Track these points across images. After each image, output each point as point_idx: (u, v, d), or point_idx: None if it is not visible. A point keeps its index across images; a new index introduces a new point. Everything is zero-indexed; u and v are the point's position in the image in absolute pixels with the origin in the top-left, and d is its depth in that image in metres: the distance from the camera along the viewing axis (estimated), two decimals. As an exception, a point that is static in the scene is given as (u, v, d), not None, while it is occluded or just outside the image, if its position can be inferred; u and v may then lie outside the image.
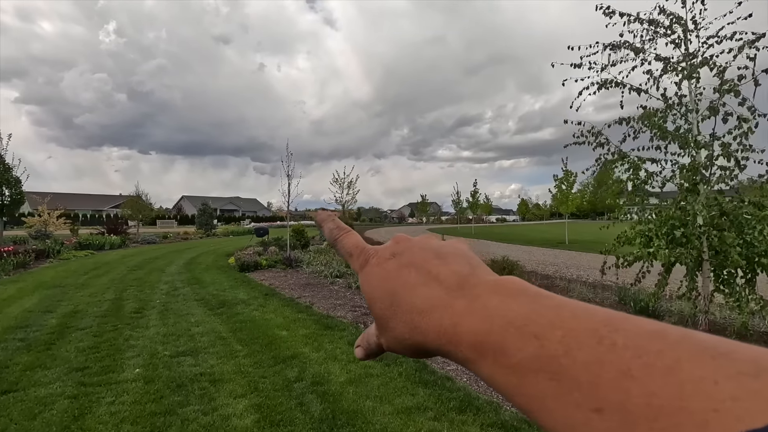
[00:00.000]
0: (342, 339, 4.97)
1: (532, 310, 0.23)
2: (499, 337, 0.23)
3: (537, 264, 13.23)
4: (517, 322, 0.22)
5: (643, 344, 0.19)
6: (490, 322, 0.23)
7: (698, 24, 5.39)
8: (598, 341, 0.20)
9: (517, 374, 0.21)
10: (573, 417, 0.19)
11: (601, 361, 0.19)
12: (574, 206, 23.46)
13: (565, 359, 0.20)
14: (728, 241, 4.69)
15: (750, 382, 0.16)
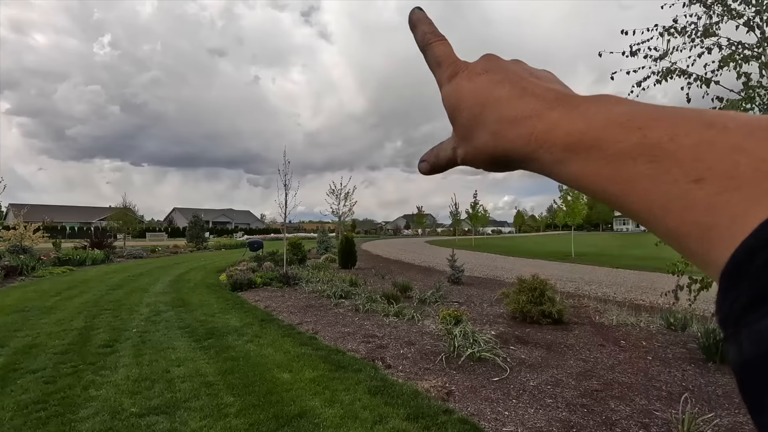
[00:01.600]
0: (360, 385, 3.95)
1: (636, 109, 0.23)
2: (598, 132, 0.23)
3: (555, 280, 12.24)
4: (620, 119, 0.23)
5: (756, 125, 0.19)
6: (589, 122, 0.24)
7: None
8: (708, 125, 0.20)
9: (613, 163, 0.22)
10: (668, 191, 0.19)
11: (710, 142, 0.19)
12: (581, 217, 22.68)
13: (669, 144, 0.20)
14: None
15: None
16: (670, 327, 6.36)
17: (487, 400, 3.71)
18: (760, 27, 4.65)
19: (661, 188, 0.20)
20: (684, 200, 0.19)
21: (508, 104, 0.28)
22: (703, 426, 3.07)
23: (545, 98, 0.27)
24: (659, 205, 0.20)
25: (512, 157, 0.27)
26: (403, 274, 13.58)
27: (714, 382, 4.10)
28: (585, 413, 3.42)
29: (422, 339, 5.63)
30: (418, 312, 7.02)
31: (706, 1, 4.89)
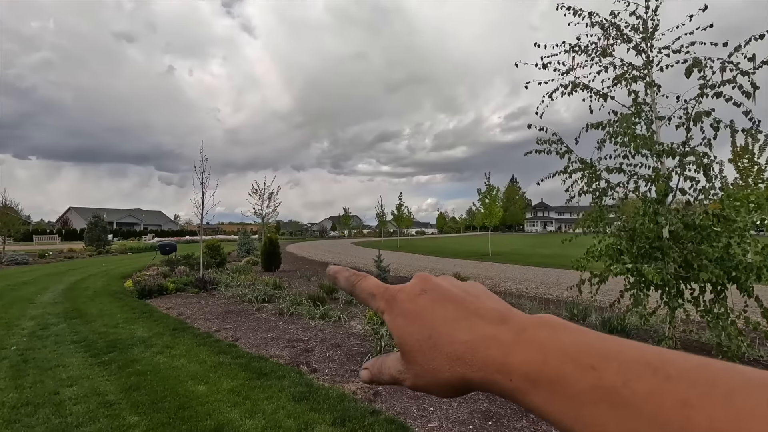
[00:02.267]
0: (284, 392, 3.78)
1: (583, 342, 0.24)
2: (556, 368, 0.24)
3: (474, 278, 12.96)
4: (571, 354, 0.24)
5: (694, 375, 0.20)
6: (544, 353, 0.25)
7: (655, 33, 5.27)
8: (653, 372, 0.21)
9: (575, 404, 0.22)
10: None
11: (660, 392, 0.20)
12: (497, 219, 24.25)
13: (624, 390, 0.21)
14: (707, 254, 4.44)
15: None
16: (573, 317, 7.00)
17: (413, 397, 3.75)
18: (646, 51, 5.31)
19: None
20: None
21: (456, 326, 0.28)
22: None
23: (491, 319, 0.28)
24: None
25: (471, 381, 0.27)
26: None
27: (610, 366, 4.58)
28: (503, 403, 3.60)
29: (349, 340, 5.57)
30: (344, 313, 6.94)
31: (603, 25, 5.47)
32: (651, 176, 5.11)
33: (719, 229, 4.67)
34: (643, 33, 5.32)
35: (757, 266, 4.44)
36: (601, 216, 5.54)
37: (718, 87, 4.32)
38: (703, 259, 4.54)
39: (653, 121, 5.10)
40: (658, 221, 4.82)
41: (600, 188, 5.47)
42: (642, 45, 5.33)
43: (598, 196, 5.50)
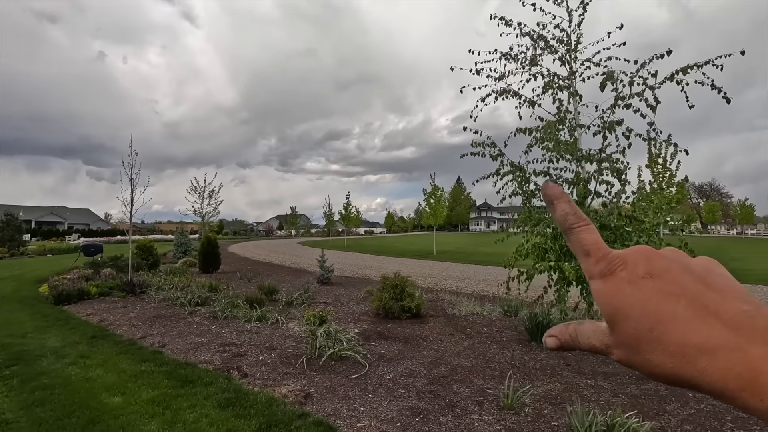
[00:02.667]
0: (209, 400, 3.61)
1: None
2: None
3: (417, 276, 13.21)
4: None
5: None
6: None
7: (578, 46, 5.64)
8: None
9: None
10: None
11: None
12: (442, 219, 24.88)
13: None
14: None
15: None
16: (506, 313, 7.34)
17: (344, 398, 3.73)
18: (570, 63, 5.67)
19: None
20: None
21: (688, 326, 0.25)
22: (523, 396, 3.58)
23: (734, 325, 0.25)
24: None
25: (701, 388, 0.25)
26: (272, 276, 13.07)
27: (534, 358, 4.85)
28: (432, 399, 3.69)
29: (285, 343, 5.44)
30: (283, 315, 6.79)
31: (532, 36, 5.77)
32: (573, 180, 5.48)
33: (630, 229, 5.10)
34: (567, 45, 5.68)
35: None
36: (530, 217, 5.85)
37: (627, 99, 4.71)
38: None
39: (575, 128, 5.46)
40: (578, 222, 5.16)
41: (528, 190, 5.77)
42: (566, 57, 5.69)
43: (527, 197, 5.80)
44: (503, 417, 3.32)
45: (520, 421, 3.24)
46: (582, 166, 5.46)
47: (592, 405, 3.45)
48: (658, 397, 3.74)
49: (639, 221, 5.13)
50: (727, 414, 3.37)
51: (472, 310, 7.58)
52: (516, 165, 5.72)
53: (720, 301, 0.26)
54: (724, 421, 3.26)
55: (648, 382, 4.08)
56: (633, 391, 3.88)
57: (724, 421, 3.27)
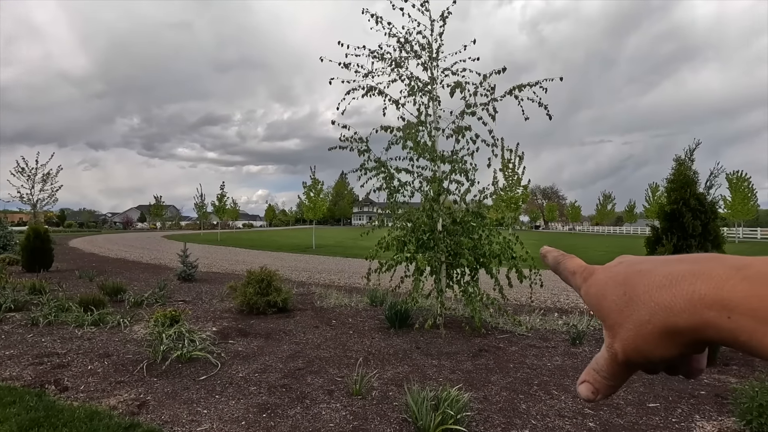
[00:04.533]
0: (7, 423, 2.99)
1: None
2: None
3: (291, 270, 12.97)
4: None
5: None
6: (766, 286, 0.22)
7: (439, 55, 6.11)
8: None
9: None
10: None
11: None
12: (322, 213, 24.82)
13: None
14: (465, 245, 5.40)
15: None
16: (372, 304, 7.65)
17: (187, 402, 3.46)
18: (431, 69, 6.11)
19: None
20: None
21: (652, 273, 0.27)
22: (372, 380, 3.76)
23: (695, 260, 0.26)
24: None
25: (679, 327, 0.25)
26: (123, 274, 11.51)
27: (390, 344, 5.14)
28: (283, 393, 3.64)
29: (124, 348, 4.83)
30: (128, 317, 6.01)
31: (399, 39, 6.07)
32: (431, 178, 5.94)
33: (475, 224, 5.73)
34: (429, 53, 6.11)
35: (498, 254, 5.61)
36: (393, 211, 6.18)
37: (473, 108, 5.28)
38: (462, 248, 5.50)
39: (433, 131, 5.92)
40: (433, 216, 5.63)
41: (393, 186, 6.08)
42: (428, 63, 6.12)
43: (390, 193, 6.10)
44: (350, 402, 3.44)
45: (365, 405, 3.40)
46: (438, 166, 5.95)
47: (432, 383, 3.79)
48: (487, 370, 4.29)
49: (482, 217, 5.80)
50: (536, 379, 4.03)
51: (341, 302, 7.72)
52: (381, 161, 5.98)
53: (682, 257, 0.28)
54: (531, 385, 3.88)
55: (479, 358, 4.65)
56: (468, 367, 4.38)
57: (531, 384, 3.89)
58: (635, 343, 0.27)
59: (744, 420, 2.80)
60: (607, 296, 0.29)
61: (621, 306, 0.28)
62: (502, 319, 6.16)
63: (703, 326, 0.24)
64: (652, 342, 0.26)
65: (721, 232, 4.65)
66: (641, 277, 0.27)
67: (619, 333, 0.28)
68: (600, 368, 0.30)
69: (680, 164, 4.81)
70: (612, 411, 3.35)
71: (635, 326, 0.27)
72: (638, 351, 0.27)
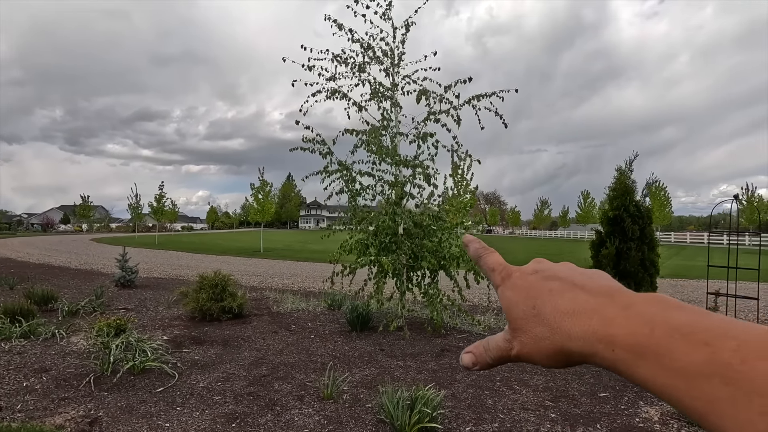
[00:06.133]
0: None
1: (696, 321, 0.24)
2: (663, 341, 0.24)
3: (241, 275, 12.48)
4: (682, 330, 0.24)
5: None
6: (651, 326, 0.25)
7: (401, 62, 6.24)
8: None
9: (685, 378, 0.23)
10: (753, 421, 0.20)
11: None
12: (270, 215, 24.13)
13: (742, 367, 0.21)
14: (427, 247, 5.53)
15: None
16: (330, 307, 7.58)
17: (145, 416, 3.24)
18: (393, 76, 6.22)
19: (743, 415, 0.21)
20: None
21: (560, 296, 0.30)
22: (341, 384, 3.75)
23: (597, 293, 0.29)
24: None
25: (571, 350, 0.28)
26: (49, 281, 10.47)
27: (354, 347, 5.14)
28: (251, 401, 3.53)
29: (64, 361, 4.41)
30: (63, 328, 5.49)
31: (362, 44, 6.12)
32: (392, 182, 6.03)
33: (435, 227, 5.90)
34: (391, 59, 6.21)
35: (457, 256, 5.80)
36: (355, 214, 6.18)
37: (437, 115, 5.45)
38: (424, 251, 5.64)
39: (395, 135, 6.02)
40: (396, 220, 5.71)
41: (354, 189, 6.09)
42: (390, 69, 6.22)
43: (353, 196, 6.11)
44: (323, 407, 3.41)
45: (338, 409, 3.38)
46: (400, 170, 6.05)
47: (401, 383, 3.84)
48: (451, 369, 4.43)
49: (443, 221, 5.98)
50: (497, 376, 4.22)
51: (298, 307, 7.57)
52: (343, 164, 5.97)
53: (587, 281, 0.31)
54: (494, 381, 4.07)
55: (443, 358, 4.79)
56: (433, 366, 4.50)
57: (494, 381, 4.08)
58: (530, 350, 0.31)
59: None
60: (519, 304, 0.32)
61: (528, 317, 0.31)
62: (459, 319, 6.38)
63: (592, 355, 0.27)
64: (545, 355, 0.30)
65: (656, 236, 5.16)
66: (550, 297, 0.31)
67: (519, 337, 0.32)
68: (490, 349, 0.34)
69: (621, 174, 5.28)
70: (569, 402, 3.60)
71: (535, 338, 0.30)
72: (530, 356, 0.31)
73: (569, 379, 4.15)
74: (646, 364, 0.25)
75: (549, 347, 0.30)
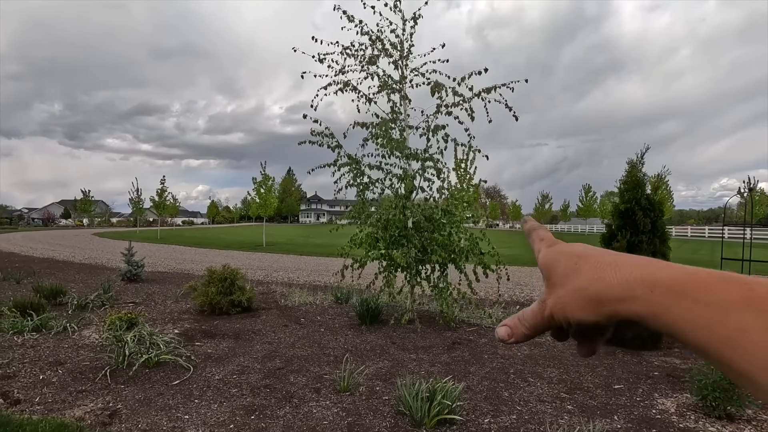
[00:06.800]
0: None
1: (735, 274, 0.27)
2: (703, 281, 0.27)
3: (246, 269, 12.41)
4: (723, 276, 0.27)
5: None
6: (692, 272, 0.28)
7: (409, 55, 6.19)
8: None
9: (721, 310, 0.25)
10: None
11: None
12: (272, 210, 24.11)
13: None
14: (437, 241, 5.53)
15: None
16: (338, 301, 7.59)
17: (164, 408, 3.25)
18: (402, 68, 6.17)
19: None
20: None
21: (603, 255, 0.33)
22: (358, 377, 3.76)
23: (642, 257, 0.31)
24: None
25: (608, 297, 0.30)
26: (55, 275, 10.48)
27: (365, 341, 5.15)
28: (268, 393, 3.54)
29: (78, 355, 4.43)
30: (73, 322, 5.50)
31: (371, 36, 6.07)
32: (401, 175, 6.01)
33: (445, 221, 5.89)
34: (400, 52, 6.17)
35: (467, 250, 5.80)
36: (364, 208, 6.17)
37: (450, 108, 5.42)
38: (434, 244, 5.63)
39: (405, 128, 5.99)
40: (406, 214, 5.70)
41: (363, 183, 6.07)
42: (399, 62, 6.18)
43: (362, 189, 6.10)
44: (340, 399, 3.42)
45: (355, 401, 3.40)
46: (409, 164, 6.03)
47: (416, 376, 3.86)
48: (464, 361, 4.44)
49: (452, 214, 5.97)
50: (511, 368, 4.23)
51: (305, 300, 7.59)
52: (353, 157, 5.95)
53: (628, 255, 0.33)
54: (508, 373, 4.08)
55: (455, 351, 4.80)
56: (446, 359, 4.51)
57: (508, 373, 4.09)
58: (565, 303, 0.32)
59: (700, 395, 3.14)
60: (561, 261, 0.34)
61: (569, 272, 0.33)
62: (468, 312, 6.39)
63: (630, 298, 0.29)
64: (580, 305, 0.31)
65: (667, 230, 5.15)
66: (595, 257, 0.33)
67: (556, 291, 0.33)
68: (525, 318, 0.35)
69: (632, 167, 5.26)
70: (584, 394, 3.62)
71: (573, 290, 0.32)
72: (564, 310, 0.32)
73: (582, 371, 4.16)
74: (683, 302, 0.26)
75: (585, 296, 0.31)
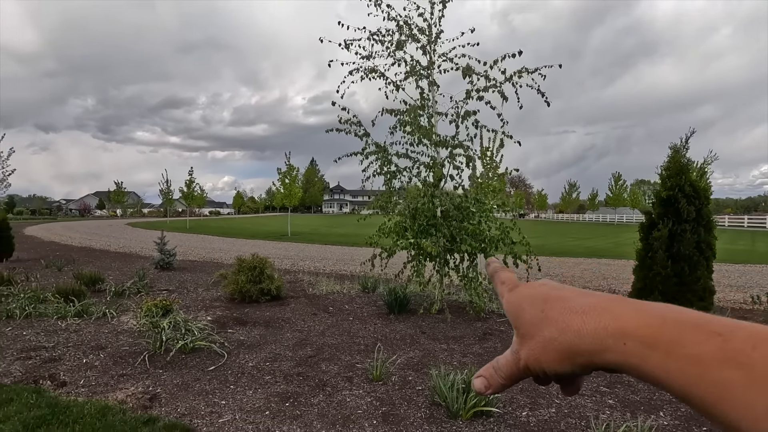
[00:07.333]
0: (9, 422, 2.77)
1: (706, 317, 0.25)
2: (674, 331, 0.25)
3: (273, 258, 12.53)
4: (694, 322, 0.25)
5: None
6: (662, 319, 0.26)
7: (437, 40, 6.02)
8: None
9: (697, 364, 0.23)
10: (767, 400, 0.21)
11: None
12: (297, 200, 24.37)
13: (754, 353, 0.22)
14: (467, 230, 5.42)
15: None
16: (365, 290, 7.60)
17: (201, 393, 3.32)
18: (430, 54, 6.02)
19: (759, 396, 0.21)
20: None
21: (570, 300, 0.31)
22: (389, 366, 3.74)
23: (606, 297, 0.30)
24: (762, 413, 0.21)
25: (580, 349, 0.28)
26: (92, 263, 10.91)
27: (394, 330, 5.13)
28: (300, 381, 3.56)
29: (117, 340, 4.57)
30: (112, 308, 5.70)
31: (399, 21, 5.93)
32: (430, 163, 5.90)
33: (474, 210, 5.76)
34: (428, 37, 6.01)
35: (497, 239, 5.67)
36: (391, 197, 6.11)
37: (481, 92, 5.25)
38: (463, 233, 5.52)
39: (432, 115, 5.86)
40: (434, 202, 5.61)
41: (390, 171, 6.00)
42: (428, 47, 6.02)
43: (389, 178, 6.03)
44: (373, 389, 3.40)
45: (388, 390, 3.37)
46: (438, 151, 5.91)
47: (448, 366, 3.80)
48: (496, 352, 4.33)
49: (482, 203, 5.83)
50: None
51: (332, 289, 7.62)
52: (380, 146, 5.88)
53: (595, 292, 0.32)
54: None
55: (486, 341, 4.72)
56: (477, 350, 4.44)
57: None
58: (538, 355, 0.31)
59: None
60: (527, 310, 0.32)
61: (536, 321, 0.31)
62: (498, 303, 6.26)
63: (603, 350, 0.27)
64: (554, 358, 0.30)
65: (713, 218, 4.87)
66: (560, 302, 0.31)
67: (528, 343, 0.32)
68: (499, 368, 0.34)
69: (675, 152, 4.99)
70: (626, 388, 3.48)
71: (544, 341, 0.30)
72: (539, 362, 0.30)
73: (621, 365, 4.01)
74: (657, 354, 0.25)
75: (557, 348, 0.29)
